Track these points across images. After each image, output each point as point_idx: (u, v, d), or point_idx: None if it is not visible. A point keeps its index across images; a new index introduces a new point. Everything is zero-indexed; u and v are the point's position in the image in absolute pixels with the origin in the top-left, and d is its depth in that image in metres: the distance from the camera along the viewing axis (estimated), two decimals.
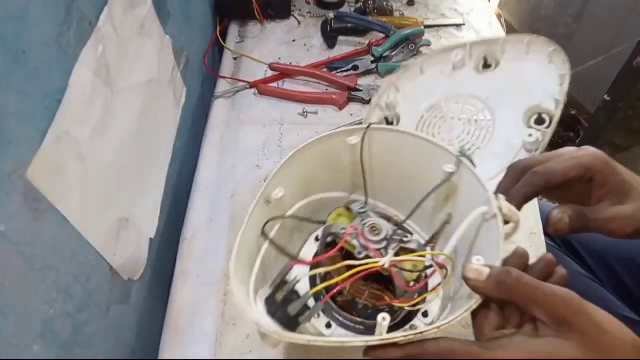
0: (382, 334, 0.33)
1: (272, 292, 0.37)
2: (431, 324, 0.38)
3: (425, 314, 0.42)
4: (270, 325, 0.35)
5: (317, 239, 0.49)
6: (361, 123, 0.62)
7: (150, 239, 0.57)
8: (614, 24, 1.36)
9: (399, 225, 0.42)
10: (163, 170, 0.63)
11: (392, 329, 0.41)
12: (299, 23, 0.95)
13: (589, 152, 0.38)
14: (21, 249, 0.33)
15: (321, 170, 0.47)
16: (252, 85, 0.81)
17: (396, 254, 0.39)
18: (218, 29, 0.92)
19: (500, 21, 0.98)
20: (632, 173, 0.39)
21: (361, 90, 0.78)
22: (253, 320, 0.32)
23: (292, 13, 0.96)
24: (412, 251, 0.40)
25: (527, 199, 0.38)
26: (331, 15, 0.88)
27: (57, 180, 0.37)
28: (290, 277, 0.38)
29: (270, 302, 0.37)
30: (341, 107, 0.78)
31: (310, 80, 0.83)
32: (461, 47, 0.58)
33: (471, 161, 0.42)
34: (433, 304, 0.42)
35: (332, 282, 0.36)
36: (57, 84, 0.37)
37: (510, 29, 1.71)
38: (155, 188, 0.60)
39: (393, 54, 0.84)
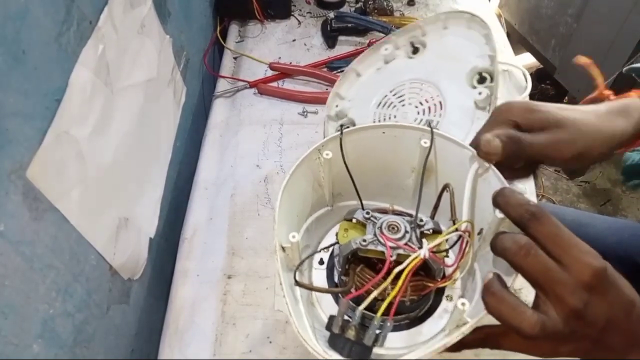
0: (463, 319, 0.34)
1: (339, 332, 0.37)
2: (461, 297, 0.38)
3: (449, 298, 0.45)
4: None
5: (320, 263, 0.48)
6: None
7: (150, 238, 0.57)
8: (614, 24, 1.36)
9: (409, 215, 0.43)
10: (163, 169, 0.63)
11: (426, 314, 0.44)
12: (299, 23, 0.95)
13: (503, 108, 0.40)
14: (21, 249, 0.33)
15: (305, 195, 0.47)
16: (252, 84, 0.81)
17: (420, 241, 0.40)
18: (218, 28, 0.92)
19: (500, 21, 0.98)
20: (566, 108, 0.40)
21: None
22: None
23: (292, 13, 0.96)
24: (434, 232, 0.41)
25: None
26: (331, 15, 0.88)
27: (56, 179, 0.37)
28: (341, 310, 0.37)
29: (338, 342, 0.37)
30: None
31: (311, 79, 0.83)
32: (387, 42, 0.61)
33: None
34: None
35: (391, 296, 0.35)
36: (56, 83, 0.37)
37: (510, 29, 1.71)
38: (155, 187, 0.60)
39: None
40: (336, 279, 0.47)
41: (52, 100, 0.36)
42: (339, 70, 0.83)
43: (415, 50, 0.61)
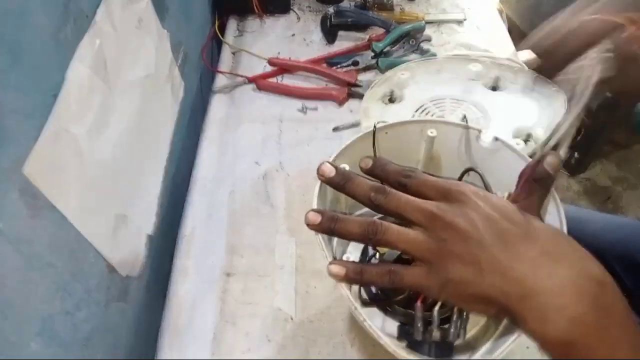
0: None
1: (422, 338, 0.36)
2: None
3: None
4: None
5: None
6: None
7: (149, 235, 0.57)
8: None
9: None
10: (161, 166, 0.63)
11: None
12: (299, 18, 0.94)
13: None
14: (19, 247, 0.33)
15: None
16: (251, 80, 0.80)
17: None
18: (216, 23, 0.91)
19: (501, 16, 0.97)
20: None
21: (361, 86, 0.78)
22: None
23: (291, 8, 0.95)
24: None
25: None
26: (331, 10, 0.87)
27: (54, 177, 0.36)
28: (419, 316, 0.37)
29: (421, 349, 0.36)
30: (341, 103, 0.77)
31: (310, 75, 0.82)
32: (480, 62, 0.66)
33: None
34: None
35: None
36: (55, 79, 0.36)
37: (511, 24, 1.71)
38: (153, 184, 0.60)
39: (393, 49, 0.83)
40: (374, 289, 0.47)
41: (50, 96, 0.36)
42: (339, 66, 0.82)
43: (494, 88, 0.65)
